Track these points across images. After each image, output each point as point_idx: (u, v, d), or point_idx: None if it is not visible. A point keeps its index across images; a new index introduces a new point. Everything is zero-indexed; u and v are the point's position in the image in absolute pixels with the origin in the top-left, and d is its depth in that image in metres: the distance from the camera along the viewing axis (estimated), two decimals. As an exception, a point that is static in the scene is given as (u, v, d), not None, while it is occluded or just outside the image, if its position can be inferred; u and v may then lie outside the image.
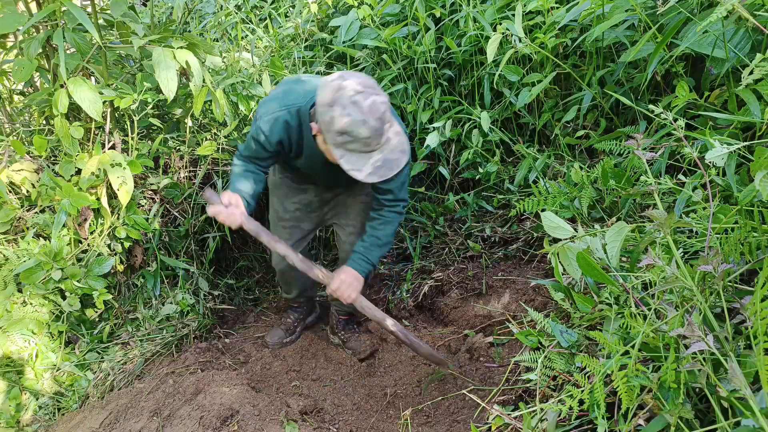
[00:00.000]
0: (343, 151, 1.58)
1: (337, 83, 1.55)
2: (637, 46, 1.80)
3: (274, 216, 2.24)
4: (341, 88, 1.53)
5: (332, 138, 1.57)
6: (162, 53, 2.03)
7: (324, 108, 1.56)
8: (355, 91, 1.53)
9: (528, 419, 1.24)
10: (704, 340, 0.93)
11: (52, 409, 2.08)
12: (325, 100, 1.55)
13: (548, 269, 2.28)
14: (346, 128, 1.52)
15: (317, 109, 1.59)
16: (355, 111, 1.51)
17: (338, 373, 2.27)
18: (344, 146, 1.57)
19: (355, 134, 1.53)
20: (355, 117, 1.51)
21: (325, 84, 1.58)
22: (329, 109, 1.54)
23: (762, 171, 1.00)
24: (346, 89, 1.53)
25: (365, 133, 1.53)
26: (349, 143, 1.56)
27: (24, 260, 2.08)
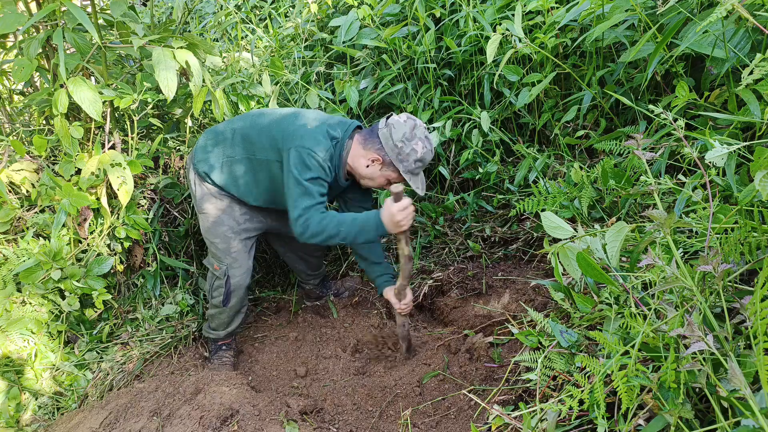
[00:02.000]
0: (411, 175, 1.98)
1: (412, 122, 1.94)
2: (637, 46, 1.80)
3: (229, 233, 2.18)
4: (416, 126, 1.94)
5: (408, 166, 1.95)
6: (162, 53, 2.02)
7: (404, 143, 1.92)
8: (425, 128, 1.97)
9: (528, 419, 1.24)
10: (704, 340, 0.93)
11: (52, 408, 2.08)
12: (405, 136, 1.92)
13: (548, 269, 2.28)
14: (423, 157, 1.95)
15: (392, 143, 1.93)
16: (428, 144, 1.96)
17: (338, 373, 2.27)
18: (413, 171, 1.97)
19: (426, 160, 1.97)
20: (428, 148, 1.95)
21: (400, 124, 1.94)
22: (410, 142, 1.92)
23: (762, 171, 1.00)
24: (420, 127, 1.95)
25: (430, 158, 1.98)
26: (417, 168, 1.97)
27: (23, 260, 2.08)
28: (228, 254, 2.20)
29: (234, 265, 2.21)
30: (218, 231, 2.18)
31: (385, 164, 1.98)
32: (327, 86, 3.01)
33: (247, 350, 2.53)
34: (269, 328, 2.71)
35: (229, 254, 2.20)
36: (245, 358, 2.47)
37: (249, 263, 2.27)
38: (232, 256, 2.20)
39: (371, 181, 2.06)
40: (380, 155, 1.97)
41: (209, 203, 2.17)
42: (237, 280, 2.23)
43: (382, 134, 1.95)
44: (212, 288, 2.28)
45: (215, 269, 2.25)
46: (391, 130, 1.94)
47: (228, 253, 2.20)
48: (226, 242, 2.19)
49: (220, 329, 2.36)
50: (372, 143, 1.98)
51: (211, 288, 2.29)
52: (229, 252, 2.20)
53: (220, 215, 2.17)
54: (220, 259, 2.21)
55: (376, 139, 1.97)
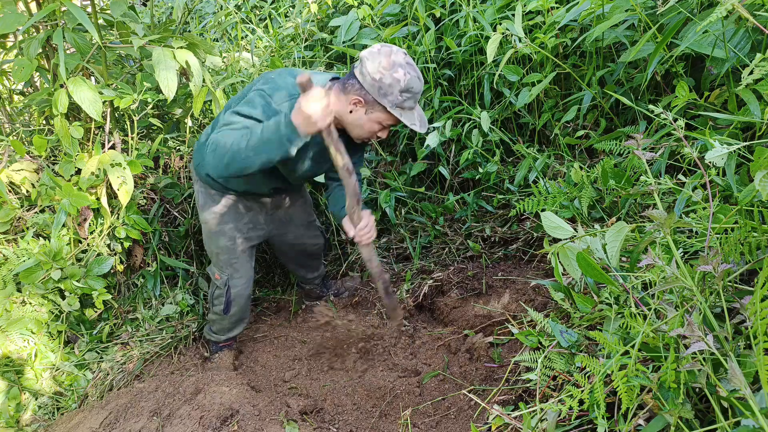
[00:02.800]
0: (401, 110, 1.73)
1: (386, 49, 1.69)
2: (637, 46, 1.80)
3: (231, 244, 2.13)
4: (392, 53, 1.69)
5: (394, 99, 1.70)
6: (162, 53, 2.02)
7: (383, 73, 1.67)
8: (404, 53, 1.70)
9: (528, 419, 1.24)
10: (704, 340, 0.93)
11: (52, 408, 2.08)
12: (382, 65, 1.67)
13: (548, 269, 2.28)
14: (409, 85, 1.69)
15: (369, 77, 1.68)
16: (411, 70, 1.69)
17: (338, 372, 2.27)
18: (403, 105, 1.72)
19: (414, 90, 1.71)
20: (412, 75, 1.69)
21: (373, 54, 1.69)
22: (391, 70, 1.67)
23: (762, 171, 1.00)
24: (397, 53, 1.69)
25: (419, 87, 1.72)
26: (407, 101, 1.72)
27: (23, 260, 2.08)
28: (229, 264, 2.16)
29: (235, 275, 2.19)
30: (219, 242, 2.14)
31: (368, 104, 1.73)
32: (327, 86, 3.00)
33: (247, 350, 2.53)
34: (269, 328, 2.71)
35: (230, 265, 2.17)
36: (245, 358, 2.47)
37: (250, 272, 2.25)
38: (233, 266, 2.17)
39: (361, 130, 1.80)
40: (360, 95, 1.72)
41: (212, 212, 2.10)
42: (238, 289, 2.21)
43: (358, 72, 1.71)
44: (213, 296, 2.26)
45: (216, 278, 2.21)
46: (365, 64, 1.69)
47: (229, 263, 2.16)
48: (227, 253, 2.15)
49: (221, 334, 2.36)
50: (351, 85, 1.73)
51: (212, 296, 2.26)
52: (230, 263, 2.16)
53: (222, 226, 2.11)
54: (222, 268, 2.18)
55: (354, 80, 1.72)
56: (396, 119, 1.75)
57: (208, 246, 2.20)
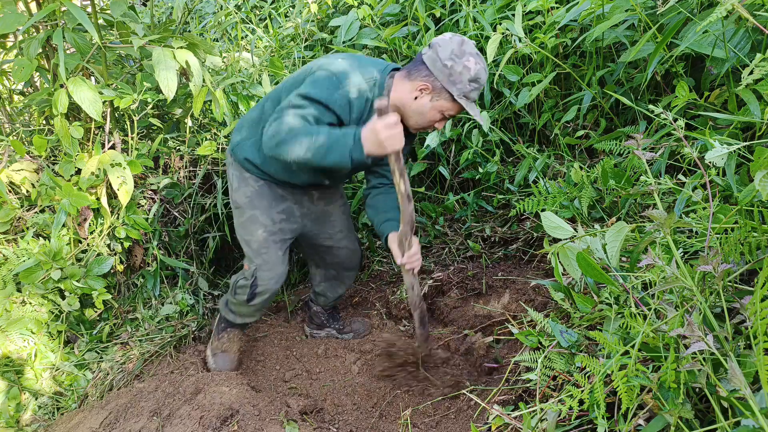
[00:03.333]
0: (466, 100, 1.72)
1: (458, 38, 1.70)
2: (637, 46, 1.80)
3: (263, 232, 2.00)
4: (464, 42, 1.69)
5: (462, 87, 1.69)
6: (162, 53, 2.02)
7: (454, 60, 1.67)
8: (473, 44, 1.71)
9: (528, 419, 1.24)
10: (704, 340, 0.93)
11: (52, 408, 2.08)
12: (454, 53, 1.67)
13: (548, 269, 2.28)
14: (478, 75, 1.69)
15: (441, 64, 1.68)
16: (480, 60, 1.70)
17: (338, 372, 2.27)
18: (469, 95, 1.71)
19: (482, 80, 1.71)
20: (482, 65, 1.70)
21: (445, 41, 1.70)
22: (460, 59, 1.67)
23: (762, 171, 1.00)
24: (468, 43, 1.69)
25: (485, 77, 1.72)
26: (473, 91, 1.71)
27: (23, 260, 2.08)
28: (258, 255, 2.02)
29: (264, 267, 2.03)
30: (251, 229, 2.01)
31: (435, 91, 1.71)
32: (327, 86, 3.00)
33: (247, 350, 2.53)
34: (269, 327, 2.71)
35: (259, 255, 2.02)
36: (245, 358, 2.47)
37: (281, 268, 2.07)
38: (262, 257, 2.02)
39: (422, 118, 1.78)
40: (429, 81, 1.71)
41: (244, 195, 2.01)
42: (265, 283, 2.04)
43: (428, 57, 1.70)
44: (237, 285, 2.10)
45: (245, 268, 2.08)
46: (437, 50, 1.69)
47: (258, 253, 2.02)
48: (257, 241, 2.01)
49: (237, 316, 2.20)
50: (417, 72, 1.72)
51: (235, 284, 2.11)
52: (259, 252, 2.02)
53: (253, 211, 2.00)
54: (251, 258, 2.05)
55: (422, 65, 1.72)
56: (459, 108, 1.74)
57: (238, 233, 2.07)
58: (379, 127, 1.51)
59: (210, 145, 2.55)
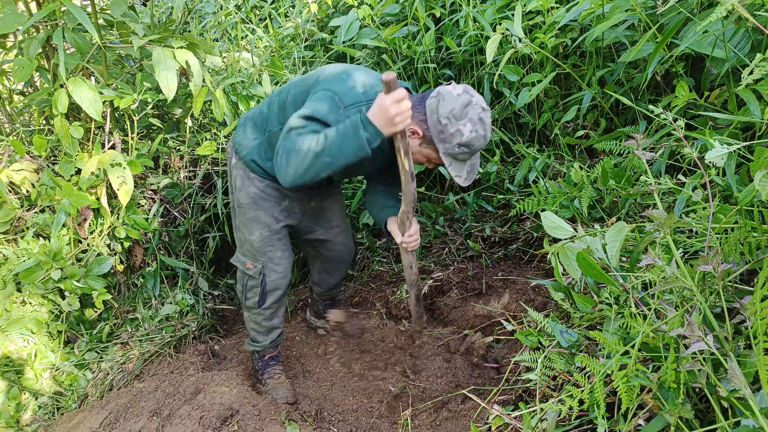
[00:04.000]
0: (452, 159, 1.68)
1: (467, 98, 1.62)
2: (637, 46, 1.80)
3: (266, 231, 2.00)
4: (470, 104, 1.61)
5: (449, 148, 1.64)
6: (162, 53, 2.02)
7: (450, 120, 1.61)
8: (482, 109, 1.63)
9: (528, 419, 1.24)
10: (704, 340, 0.93)
11: (52, 408, 2.08)
12: (453, 113, 1.60)
13: (548, 269, 2.28)
14: (470, 142, 1.62)
15: (436, 118, 1.63)
16: (480, 128, 1.62)
17: (338, 373, 2.27)
18: (456, 156, 1.67)
19: (474, 148, 1.64)
20: (479, 134, 1.62)
21: (451, 96, 1.62)
22: (455, 122, 1.60)
23: (761, 171, 1.00)
24: (475, 106, 1.61)
25: (480, 146, 1.66)
26: (462, 154, 1.66)
27: (23, 260, 2.08)
28: (263, 253, 2.01)
29: (270, 264, 2.02)
30: (253, 228, 2.00)
31: (425, 139, 1.68)
32: (327, 86, 3.00)
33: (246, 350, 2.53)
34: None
35: (265, 253, 2.01)
36: (245, 358, 2.47)
37: (287, 262, 2.06)
38: (267, 255, 2.01)
39: (417, 160, 1.77)
40: (421, 128, 1.67)
41: (248, 195, 1.99)
42: (274, 280, 2.03)
43: (429, 105, 1.64)
44: (246, 288, 2.06)
45: (248, 268, 2.04)
46: (439, 102, 1.63)
47: (263, 252, 2.00)
48: (262, 240, 2.00)
49: (260, 338, 2.16)
50: (417, 112, 1.67)
51: (244, 288, 2.07)
52: (265, 251, 2.00)
53: (257, 211, 1.99)
54: (255, 257, 2.02)
55: (423, 108, 1.66)
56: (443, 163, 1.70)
57: (240, 232, 2.05)
58: (388, 103, 1.45)
59: (210, 145, 2.56)
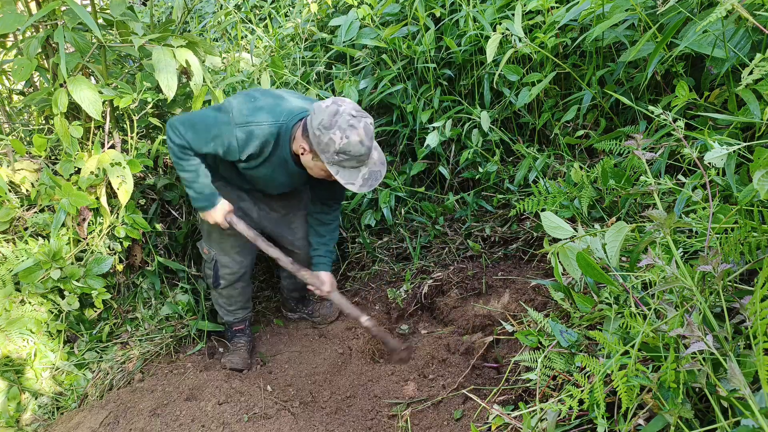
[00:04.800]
0: (338, 167, 1.77)
1: (334, 108, 1.72)
2: (637, 46, 1.80)
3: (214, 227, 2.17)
4: (338, 113, 1.71)
5: (329, 157, 1.75)
6: (162, 52, 2.03)
7: (321, 131, 1.72)
8: (351, 116, 1.72)
9: (528, 419, 1.24)
10: (704, 340, 0.93)
11: (51, 408, 2.07)
12: (323, 124, 1.72)
13: (548, 269, 2.28)
14: (345, 149, 1.71)
15: (312, 131, 1.75)
16: (352, 134, 1.70)
17: (336, 370, 2.27)
18: (340, 164, 1.76)
19: (352, 153, 1.72)
20: (352, 138, 1.70)
21: (320, 109, 1.74)
22: (327, 132, 1.71)
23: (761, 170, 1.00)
24: (342, 114, 1.71)
25: (360, 151, 1.73)
26: (345, 161, 1.74)
27: (23, 259, 2.08)
28: (217, 243, 2.24)
29: (220, 254, 2.26)
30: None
31: (313, 153, 1.81)
32: (327, 86, 3.01)
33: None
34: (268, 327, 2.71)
35: (218, 243, 2.24)
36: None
37: (238, 258, 2.28)
38: (220, 246, 2.24)
39: (313, 172, 1.92)
40: (307, 144, 1.81)
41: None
42: (225, 268, 2.28)
43: (307, 121, 1.79)
44: (204, 268, 2.35)
45: (204, 252, 2.30)
46: (312, 117, 1.76)
47: (217, 242, 2.24)
48: (216, 231, 2.20)
49: (224, 314, 2.42)
50: (304, 131, 1.82)
51: (203, 268, 2.37)
52: (219, 242, 2.24)
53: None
54: (210, 244, 2.27)
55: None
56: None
57: (201, 221, 2.24)
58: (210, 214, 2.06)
59: (210, 144, 2.55)
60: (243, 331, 2.46)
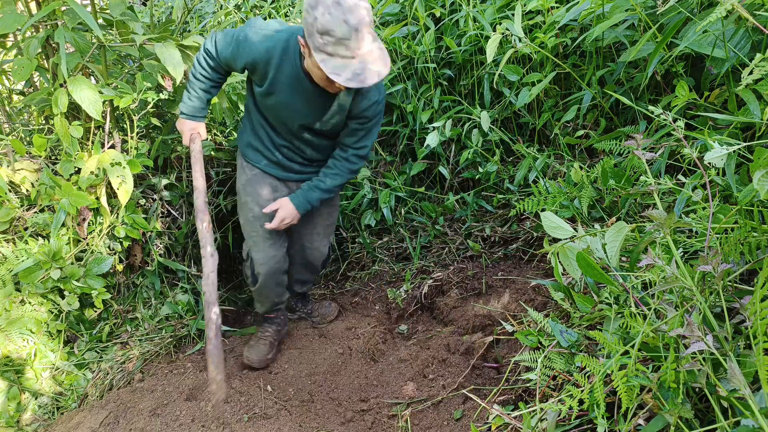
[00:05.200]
0: (325, 55, 1.61)
1: None
2: (637, 46, 1.80)
3: (251, 216, 2.18)
4: None
5: (314, 41, 1.60)
6: (164, 47, 2.09)
7: (307, 11, 1.60)
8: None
9: (528, 419, 1.24)
10: (704, 340, 0.93)
11: (51, 408, 2.07)
12: (309, 3, 1.59)
13: (548, 269, 2.28)
14: (327, 27, 1.55)
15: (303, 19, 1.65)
16: (336, 10, 1.55)
17: (336, 370, 2.27)
18: (325, 49, 1.60)
19: (335, 34, 1.56)
20: (335, 16, 1.54)
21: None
22: (312, 10, 1.58)
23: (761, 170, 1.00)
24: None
25: (344, 32, 1.56)
26: (330, 45, 1.58)
27: (23, 259, 2.08)
28: (249, 237, 2.23)
29: (255, 248, 2.23)
30: (243, 213, 2.22)
31: (308, 47, 1.67)
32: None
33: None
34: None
35: (250, 236, 2.23)
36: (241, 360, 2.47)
37: (271, 252, 2.23)
38: (253, 239, 2.22)
39: (315, 76, 1.80)
40: (303, 38, 1.69)
41: (240, 182, 2.22)
42: (259, 263, 2.23)
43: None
44: (244, 268, 2.33)
45: (243, 249, 2.30)
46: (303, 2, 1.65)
47: (249, 236, 2.23)
48: (248, 224, 2.20)
49: (258, 306, 2.42)
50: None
51: (244, 268, 2.34)
52: (251, 235, 2.22)
53: (246, 197, 2.19)
54: (246, 240, 2.26)
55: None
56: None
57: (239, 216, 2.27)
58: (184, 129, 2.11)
59: (208, 145, 2.55)
60: (272, 320, 2.42)
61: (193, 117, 2.09)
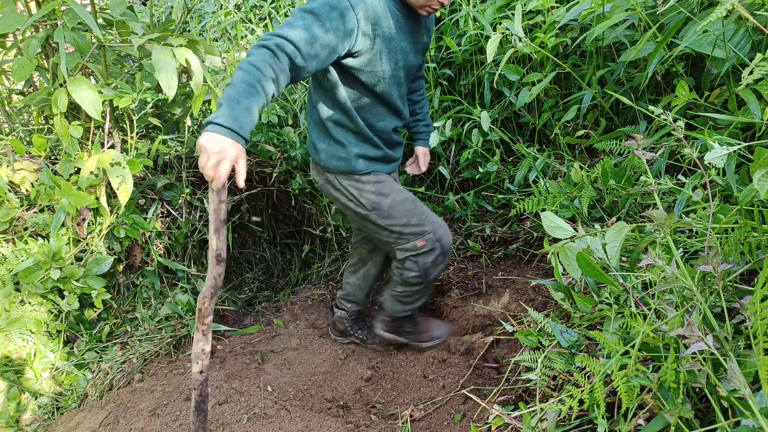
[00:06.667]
0: None
1: None
2: (637, 46, 1.80)
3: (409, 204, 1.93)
4: None
5: None
6: (161, 51, 2.03)
7: None
8: None
9: (528, 419, 1.24)
10: (704, 340, 0.92)
11: (51, 408, 2.07)
12: None
13: (548, 269, 2.28)
14: None
15: None
16: None
17: (336, 371, 2.27)
18: None
19: None
20: None
21: None
22: None
23: (761, 170, 1.00)
24: None
25: None
26: None
27: (23, 259, 2.08)
28: (425, 222, 1.94)
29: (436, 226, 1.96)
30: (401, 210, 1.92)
31: None
32: (327, 86, 3.00)
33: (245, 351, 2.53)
34: (268, 327, 2.71)
35: (426, 221, 1.94)
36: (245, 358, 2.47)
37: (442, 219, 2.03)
38: (426, 219, 1.94)
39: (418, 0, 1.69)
40: None
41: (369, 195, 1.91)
42: (446, 237, 1.98)
43: None
44: (428, 267, 1.97)
45: (419, 246, 1.93)
46: None
47: (422, 220, 1.93)
48: (413, 212, 1.93)
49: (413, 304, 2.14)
50: None
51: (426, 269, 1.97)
52: (422, 218, 1.93)
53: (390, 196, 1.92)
54: (420, 232, 1.93)
55: None
56: None
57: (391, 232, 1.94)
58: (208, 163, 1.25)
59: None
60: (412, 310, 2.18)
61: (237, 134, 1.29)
